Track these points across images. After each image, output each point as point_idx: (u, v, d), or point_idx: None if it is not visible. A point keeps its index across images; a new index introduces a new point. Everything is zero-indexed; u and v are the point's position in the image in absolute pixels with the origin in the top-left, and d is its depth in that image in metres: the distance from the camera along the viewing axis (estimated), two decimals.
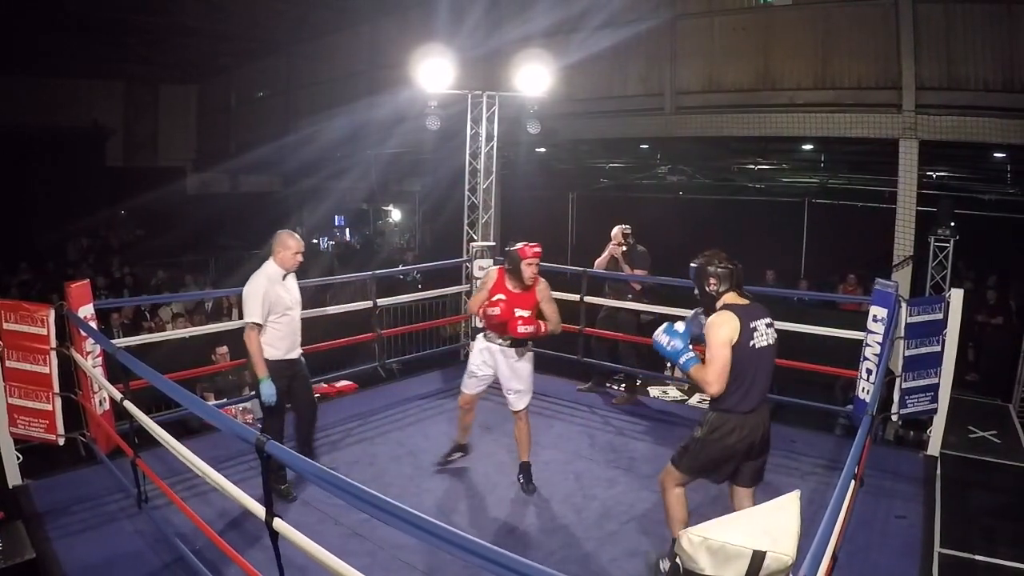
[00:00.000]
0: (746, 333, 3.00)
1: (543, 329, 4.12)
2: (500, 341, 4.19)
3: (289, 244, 4.05)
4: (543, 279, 4.22)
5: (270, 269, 4.03)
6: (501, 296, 4.10)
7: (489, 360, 4.25)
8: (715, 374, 2.95)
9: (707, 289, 3.10)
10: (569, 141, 10.61)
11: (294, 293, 4.16)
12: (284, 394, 4.02)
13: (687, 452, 3.17)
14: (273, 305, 3.96)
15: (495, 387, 4.33)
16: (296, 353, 4.16)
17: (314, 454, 4.44)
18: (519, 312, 4.06)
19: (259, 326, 3.90)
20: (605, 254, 5.86)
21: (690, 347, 3.03)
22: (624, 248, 5.74)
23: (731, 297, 3.08)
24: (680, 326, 3.09)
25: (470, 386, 4.36)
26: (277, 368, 3.97)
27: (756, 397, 3.05)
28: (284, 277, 4.07)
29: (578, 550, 3.62)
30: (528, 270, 4.08)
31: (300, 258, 4.08)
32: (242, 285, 3.99)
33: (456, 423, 4.63)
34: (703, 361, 3.03)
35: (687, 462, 3.16)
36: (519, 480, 4.30)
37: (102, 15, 11.66)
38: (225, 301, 9.30)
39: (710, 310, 3.10)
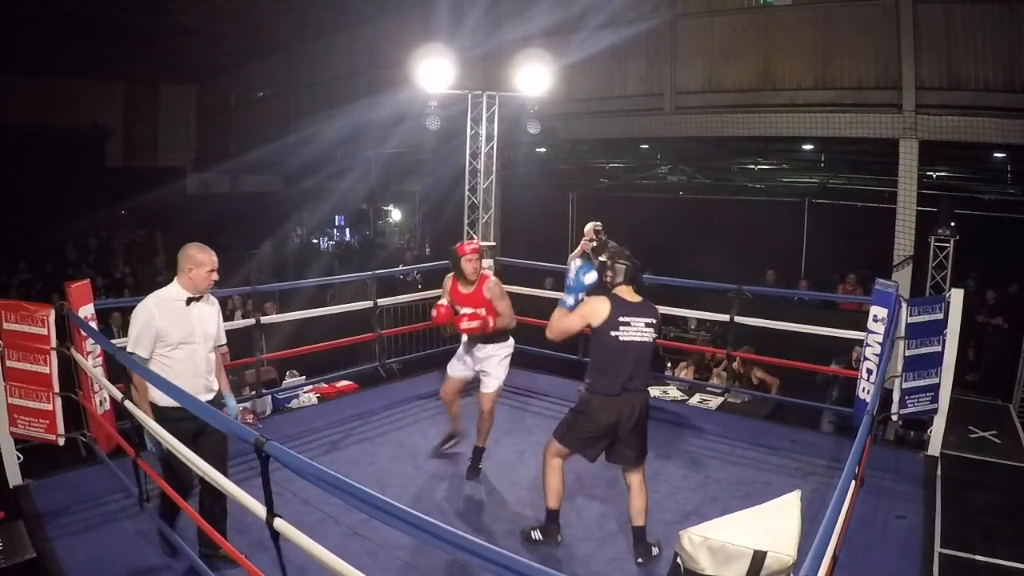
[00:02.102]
0: (611, 323, 3.33)
1: (490, 324, 4.23)
2: (465, 340, 4.46)
3: (202, 260, 3.24)
4: (493, 277, 4.40)
5: (168, 291, 3.26)
6: (442, 301, 4.41)
7: (467, 359, 4.49)
8: (559, 328, 3.42)
9: (604, 279, 3.44)
10: (569, 141, 10.61)
11: (203, 324, 3.31)
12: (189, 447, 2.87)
13: (565, 426, 3.53)
14: (162, 334, 3.17)
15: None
16: (205, 397, 3.29)
17: (223, 532, 3.19)
18: (463, 310, 4.26)
19: (144, 359, 3.18)
20: (577, 249, 5.97)
21: (581, 297, 3.44)
22: (594, 244, 5.81)
23: (622, 290, 3.43)
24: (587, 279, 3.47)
25: (456, 369, 4.55)
26: (166, 417, 3.05)
27: (621, 383, 3.37)
28: (189, 301, 3.26)
29: (578, 550, 3.63)
30: (468, 266, 4.26)
31: (215, 276, 3.31)
32: (244, 285, 3.94)
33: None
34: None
35: (565, 435, 3.51)
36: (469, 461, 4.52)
37: (102, 15, 11.66)
38: (229, 302, 9.27)
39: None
